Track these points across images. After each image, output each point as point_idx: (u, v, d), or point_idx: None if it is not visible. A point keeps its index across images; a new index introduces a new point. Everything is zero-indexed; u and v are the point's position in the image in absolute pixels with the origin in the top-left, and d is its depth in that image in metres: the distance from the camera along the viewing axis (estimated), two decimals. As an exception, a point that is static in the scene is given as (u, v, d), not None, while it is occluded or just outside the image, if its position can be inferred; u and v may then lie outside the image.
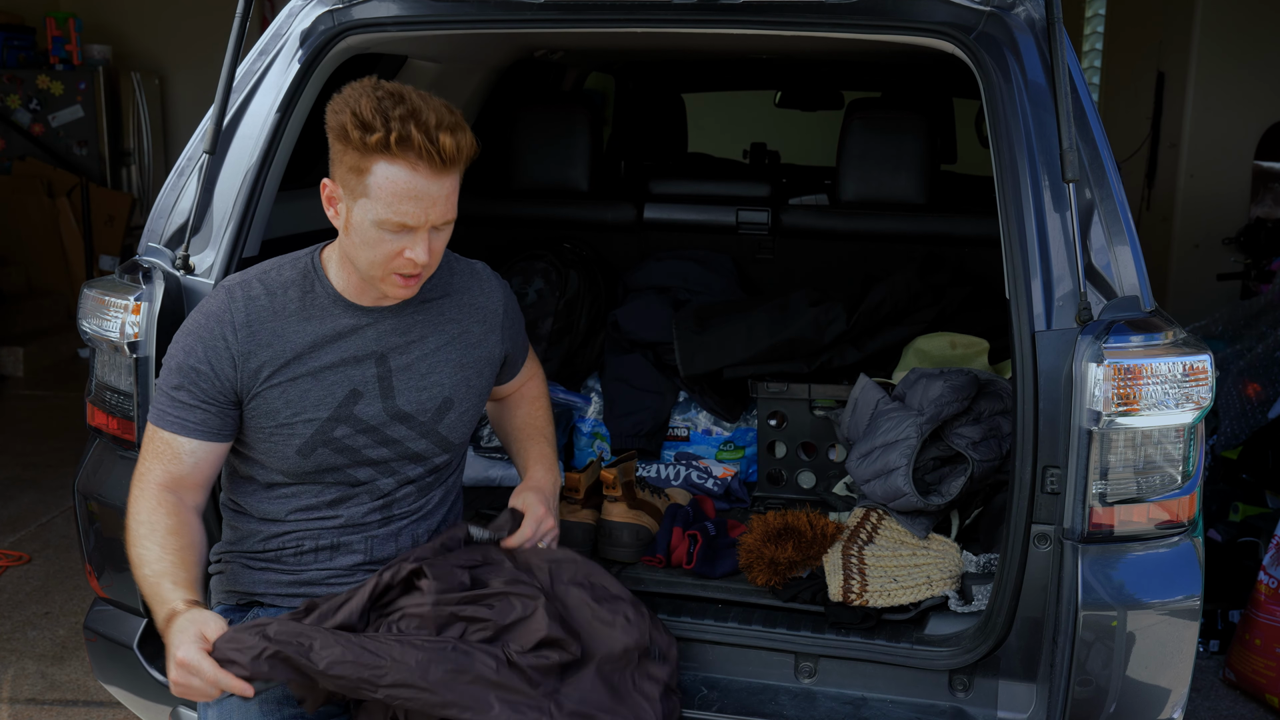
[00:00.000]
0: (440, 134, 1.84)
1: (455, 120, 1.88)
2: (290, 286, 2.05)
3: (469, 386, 2.17)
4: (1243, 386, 3.94)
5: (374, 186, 1.86)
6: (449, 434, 2.16)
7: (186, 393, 1.99)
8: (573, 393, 3.30)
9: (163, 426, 2.01)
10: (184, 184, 2.46)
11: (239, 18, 2.36)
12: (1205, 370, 2.03)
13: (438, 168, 1.86)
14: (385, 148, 1.83)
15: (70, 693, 3.49)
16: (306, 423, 2.03)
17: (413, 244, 1.91)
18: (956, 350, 2.99)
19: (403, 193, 1.86)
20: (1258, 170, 6.95)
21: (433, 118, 1.84)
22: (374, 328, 2.07)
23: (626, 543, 2.61)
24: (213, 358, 1.99)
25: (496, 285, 2.28)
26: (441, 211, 1.91)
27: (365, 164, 1.86)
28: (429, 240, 1.92)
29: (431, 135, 1.83)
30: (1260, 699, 3.49)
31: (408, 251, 1.91)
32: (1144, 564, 2.08)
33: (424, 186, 1.86)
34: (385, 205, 1.86)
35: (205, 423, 2.00)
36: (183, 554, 1.94)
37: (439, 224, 1.92)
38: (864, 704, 2.27)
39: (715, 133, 7.43)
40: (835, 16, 2.28)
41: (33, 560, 4.44)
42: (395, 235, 1.90)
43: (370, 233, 1.90)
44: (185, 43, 9.04)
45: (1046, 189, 2.14)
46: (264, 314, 2.02)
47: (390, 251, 1.91)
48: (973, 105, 4.67)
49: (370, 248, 1.92)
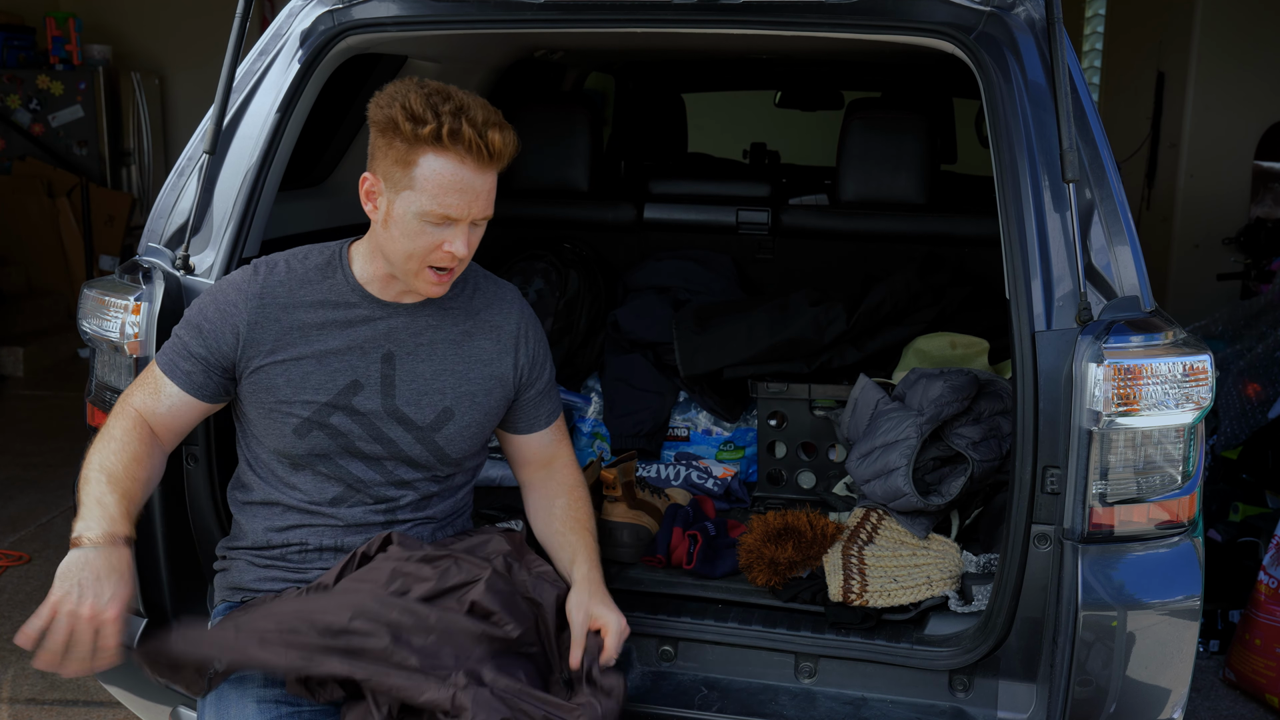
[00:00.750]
0: (489, 130, 1.91)
1: (500, 119, 1.96)
2: (313, 269, 2.12)
3: (474, 402, 2.16)
4: (1243, 386, 3.95)
5: (420, 178, 1.92)
6: (446, 446, 2.14)
7: (185, 343, 2.07)
8: (573, 393, 3.30)
9: (159, 362, 2.09)
10: (184, 184, 2.46)
11: (239, 18, 2.36)
12: (1205, 370, 2.03)
13: (484, 162, 1.93)
14: (437, 140, 1.89)
15: (70, 693, 3.49)
16: (305, 404, 2.06)
17: (453, 237, 1.96)
18: (956, 350, 2.99)
19: (449, 185, 1.92)
20: (1258, 170, 6.95)
21: (480, 114, 1.92)
22: (386, 322, 2.10)
23: (626, 543, 2.61)
24: (219, 322, 2.06)
25: (517, 309, 2.24)
26: (483, 206, 1.97)
27: (413, 156, 1.92)
28: (469, 236, 1.98)
29: (480, 130, 1.90)
30: (1260, 699, 3.49)
31: (447, 245, 1.96)
32: (1144, 564, 2.08)
33: (470, 180, 1.93)
34: (430, 197, 1.92)
35: (191, 376, 2.06)
36: (139, 483, 1.97)
37: (479, 219, 1.99)
38: (864, 704, 2.27)
39: (715, 133, 7.43)
40: (835, 16, 2.28)
41: (33, 560, 4.44)
42: (437, 228, 1.95)
43: (412, 224, 1.95)
44: (185, 43, 9.04)
45: (1046, 189, 2.14)
46: (280, 289, 2.08)
47: (430, 244, 1.96)
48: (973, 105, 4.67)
49: (410, 239, 1.96)
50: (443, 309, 2.14)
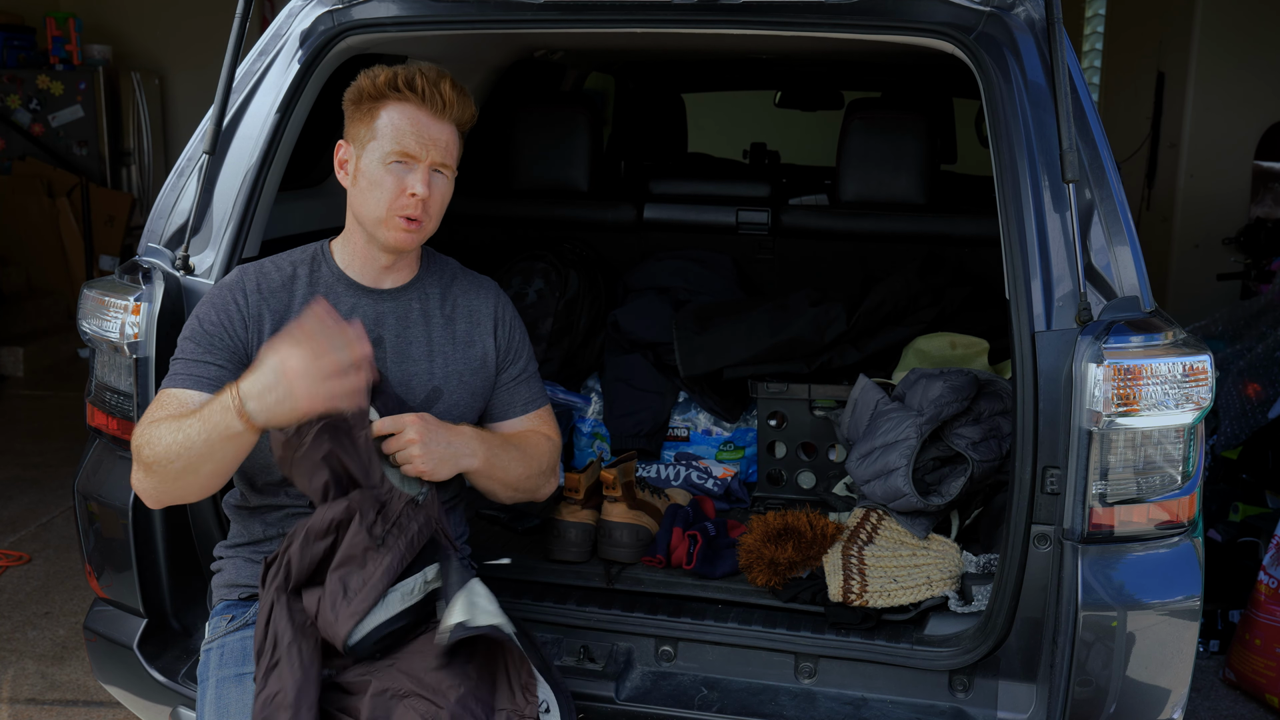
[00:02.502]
0: (442, 82, 2.08)
1: (454, 81, 2.11)
2: (299, 265, 2.20)
3: (461, 381, 2.23)
4: (1243, 386, 3.94)
5: (381, 128, 2.07)
6: None
7: (199, 352, 2.07)
8: (573, 393, 3.30)
9: (173, 386, 2.06)
10: (184, 184, 2.46)
11: (239, 18, 2.36)
12: (1205, 370, 2.03)
13: (439, 111, 2.08)
14: (393, 87, 2.06)
15: (70, 693, 3.49)
16: None
17: (414, 180, 2.07)
18: (956, 350, 2.99)
19: (407, 127, 2.06)
20: (1258, 170, 6.95)
21: (435, 74, 2.09)
22: (373, 308, 2.18)
23: (626, 543, 2.61)
24: (224, 319, 2.09)
25: (493, 295, 2.33)
26: (441, 153, 2.09)
27: (376, 110, 2.08)
28: (428, 178, 2.08)
29: (434, 82, 2.07)
30: (1260, 699, 3.49)
31: (409, 187, 2.07)
32: (1144, 564, 2.08)
33: (426, 123, 2.07)
34: (390, 139, 2.07)
35: (219, 379, 2.04)
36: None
37: (438, 164, 2.10)
38: (864, 704, 2.27)
39: (715, 133, 7.43)
40: (835, 16, 2.29)
41: (33, 560, 4.44)
42: (399, 171, 2.07)
43: (377, 171, 2.08)
44: (185, 43, 9.04)
45: (1046, 189, 2.14)
46: (274, 285, 2.15)
47: (395, 188, 2.07)
48: (973, 105, 4.67)
49: (376, 186, 2.08)
50: (424, 294, 2.23)
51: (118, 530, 2.36)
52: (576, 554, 2.60)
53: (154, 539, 2.36)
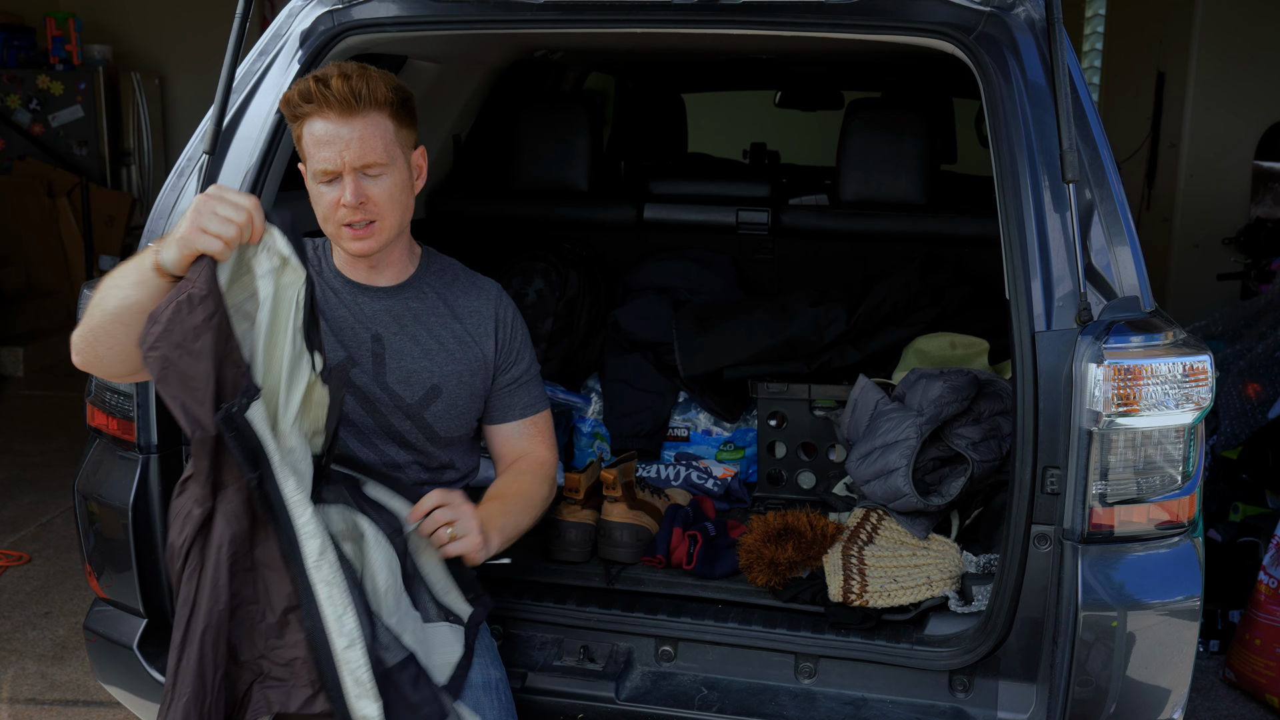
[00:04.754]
0: (334, 80, 2.01)
1: (356, 70, 2.04)
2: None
3: (460, 380, 2.23)
4: (1243, 386, 3.94)
5: (306, 147, 2.07)
6: (435, 423, 2.22)
7: None
8: (573, 393, 3.30)
9: None
10: (184, 184, 2.46)
11: (239, 18, 2.36)
12: (1205, 370, 2.03)
13: (341, 110, 2.02)
14: (294, 105, 2.04)
15: (70, 693, 3.49)
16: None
17: (342, 190, 2.05)
18: (956, 350, 2.99)
19: (319, 141, 2.04)
20: (1258, 170, 6.95)
21: (333, 70, 2.03)
22: (371, 305, 2.20)
23: (626, 543, 2.61)
24: None
25: (492, 296, 2.32)
26: (358, 153, 2.03)
27: (298, 131, 2.07)
28: (357, 184, 2.05)
29: (326, 83, 2.01)
30: (1260, 699, 3.49)
31: (340, 198, 2.05)
32: (1144, 564, 2.08)
33: (334, 131, 2.03)
34: (311, 160, 2.06)
35: None
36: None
37: (359, 165, 2.04)
38: (864, 704, 2.27)
39: (715, 133, 7.43)
40: (835, 16, 2.28)
41: (33, 560, 4.44)
42: (327, 186, 2.07)
43: (314, 189, 2.09)
44: (185, 43, 9.04)
45: (1046, 189, 2.14)
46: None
47: (329, 203, 2.07)
48: (973, 105, 4.67)
49: (317, 205, 2.10)
50: (420, 293, 2.24)
51: (118, 530, 2.36)
52: (576, 554, 2.60)
53: (154, 539, 2.35)
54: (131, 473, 2.35)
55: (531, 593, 2.48)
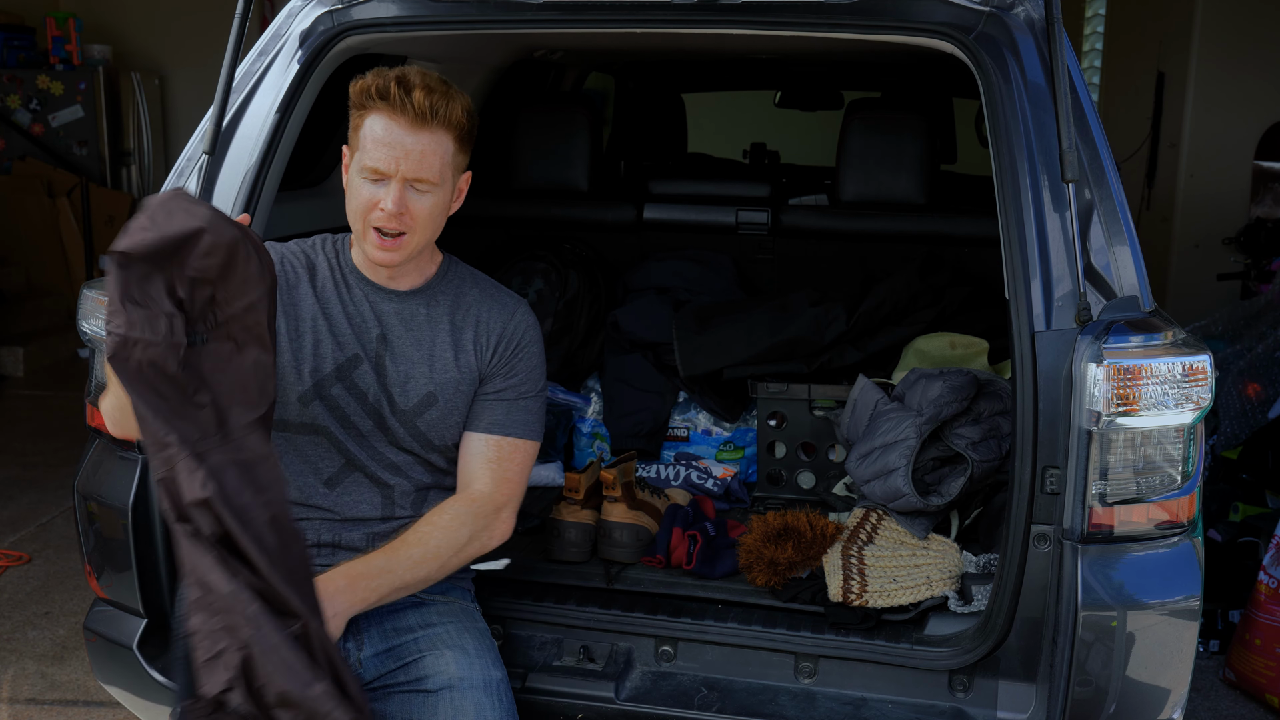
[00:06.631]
0: (417, 90, 2.01)
1: (440, 86, 2.05)
2: (320, 254, 2.24)
3: (457, 390, 2.20)
4: (1243, 386, 3.94)
5: (362, 138, 2.06)
6: (428, 431, 2.19)
7: None
8: (573, 393, 3.30)
9: None
10: (184, 184, 2.46)
11: (239, 18, 2.36)
12: (1205, 370, 2.03)
13: (413, 121, 2.02)
14: (368, 97, 2.04)
15: (70, 693, 3.49)
16: (312, 372, 2.14)
17: (384, 195, 2.04)
18: (956, 350, 2.99)
19: (380, 140, 2.03)
20: (1258, 170, 6.95)
21: (418, 79, 2.03)
22: (380, 306, 2.20)
23: (626, 543, 2.61)
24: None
25: (506, 313, 2.24)
26: (414, 166, 2.03)
27: (360, 120, 2.07)
28: (402, 193, 2.04)
29: (409, 90, 2.01)
30: (1260, 699, 3.49)
31: (381, 202, 2.04)
32: (1144, 564, 2.08)
33: (398, 136, 2.03)
34: (365, 152, 2.05)
35: None
36: None
37: (411, 178, 2.04)
38: (864, 704, 2.27)
39: (715, 133, 7.43)
40: (835, 16, 2.28)
41: (33, 560, 4.44)
42: (372, 184, 2.06)
43: (355, 181, 2.08)
44: (185, 43, 9.04)
45: (1046, 189, 2.14)
46: (298, 264, 2.20)
47: (367, 200, 2.06)
48: (973, 105, 4.67)
49: (354, 197, 2.09)
50: (433, 300, 2.22)
51: (118, 530, 2.36)
52: (576, 554, 2.60)
53: (154, 539, 2.35)
54: (131, 473, 2.35)
55: (531, 593, 2.48)
